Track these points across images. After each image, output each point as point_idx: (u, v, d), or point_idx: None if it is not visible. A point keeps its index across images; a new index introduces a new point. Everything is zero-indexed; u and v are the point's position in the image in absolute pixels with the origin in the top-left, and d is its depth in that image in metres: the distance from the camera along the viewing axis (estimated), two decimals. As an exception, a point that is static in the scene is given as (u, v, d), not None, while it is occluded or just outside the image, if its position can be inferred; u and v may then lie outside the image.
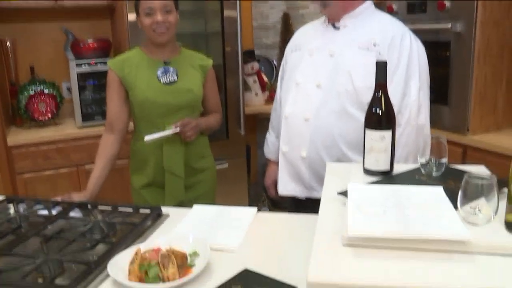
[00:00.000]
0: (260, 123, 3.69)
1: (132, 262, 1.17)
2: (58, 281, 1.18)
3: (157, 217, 1.52)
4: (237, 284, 1.15)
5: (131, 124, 1.93)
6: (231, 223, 1.48)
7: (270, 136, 1.91)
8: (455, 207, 1.04)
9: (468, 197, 1.01)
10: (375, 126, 1.27)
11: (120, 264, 1.19)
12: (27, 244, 1.36)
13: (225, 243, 1.35)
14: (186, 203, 1.72)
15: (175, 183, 1.83)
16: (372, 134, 1.27)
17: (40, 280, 1.19)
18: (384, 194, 1.12)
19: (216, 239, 1.37)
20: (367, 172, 1.30)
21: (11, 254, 1.29)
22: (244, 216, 1.52)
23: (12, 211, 1.60)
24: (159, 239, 1.31)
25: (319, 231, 1.03)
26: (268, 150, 1.92)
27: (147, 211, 1.53)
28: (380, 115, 1.27)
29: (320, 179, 1.43)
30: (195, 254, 1.25)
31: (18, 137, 2.84)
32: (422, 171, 1.30)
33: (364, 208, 1.04)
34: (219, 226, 1.46)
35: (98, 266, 1.21)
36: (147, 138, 1.73)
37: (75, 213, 1.57)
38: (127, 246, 1.30)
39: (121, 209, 1.57)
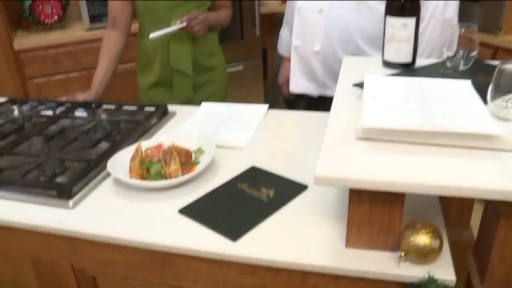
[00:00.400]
0: (277, 24, 3.48)
1: (132, 159, 1.12)
2: (60, 179, 1.15)
3: (163, 114, 1.45)
4: (243, 182, 1.09)
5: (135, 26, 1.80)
6: (240, 120, 1.40)
7: (283, 32, 1.76)
8: (485, 102, 0.93)
9: (501, 89, 0.90)
10: (397, 13, 1.13)
11: (121, 162, 1.14)
12: (29, 143, 1.32)
13: (233, 140, 1.28)
14: (195, 104, 1.64)
15: (183, 82, 1.73)
16: (393, 22, 1.13)
17: (41, 179, 1.15)
18: (405, 86, 1.01)
19: (223, 136, 1.30)
20: (387, 64, 1.18)
21: (13, 153, 1.25)
22: (254, 113, 1.43)
23: (15, 112, 1.55)
24: (162, 136, 1.24)
25: (331, 125, 0.94)
26: (281, 46, 1.78)
27: (153, 108, 1.46)
28: (403, 0, 1.13)
29: (334, 76, 1.32)
30: (200, 150, 1.18)
31: (26, 40, 2.73)
32: (448, 64, 1.17)
33: (382, 99, 0.94)
34: (228, 123, 1.39)
35: (98, 164, 1.16)
36: (152, 35, 1.61)
37: (79, 113, 1.51)
38: (130, 144, 1.24)
39: (125, 107, 1.50)
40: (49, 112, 1.51)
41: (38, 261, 1.09)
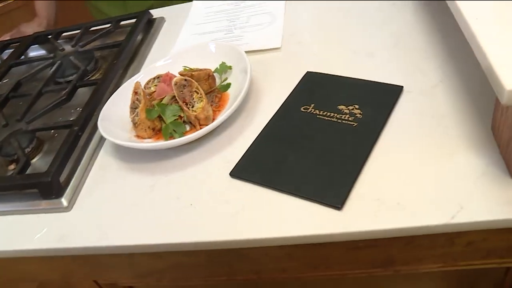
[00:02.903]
0: None
1: (133, 109, 0.74)
2: (38, 163, 0.78)
3: (148, 26, 1.03)
4: (306, 100, 0.72)
5: None
6: (256, 10, 0.98)
7: None
8: None
9: None
10: None
11: (117, 114, 0.76)
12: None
13: (261, 41, 0.88)
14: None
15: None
16: None
17: (11, 167, 0.78)
18: None
19: (244, 39, 0.90)
20: None
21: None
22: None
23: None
24: (163, 60, 0.84)
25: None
26: None
27: (132, 20, 1.03)
28: None
29: None
30: (223, 67, 0.79)
31: None
32: None
33: None
34: (241, 19, 0.97)
35: (85, 126, 0.78)
36: None
37: (34, 52, 1.09)
38: (118, 82, 0.85)
39: (95, 28, 1.07)
40: (-6, 62, 1.09)
41: (50, 284, 0.76)
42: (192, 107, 0.71)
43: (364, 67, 0.75)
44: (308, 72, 0.77)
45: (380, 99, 0.68)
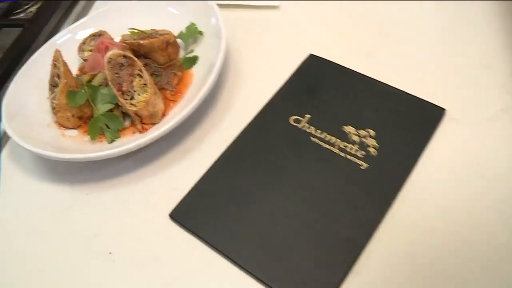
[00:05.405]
0: None
1: (52, 86, 0.51)
2: None
3: None
4: (299, 108, 0.49)
5: None
6: None
7: None
8: None
9: None
10: None
11: (26, 99, 0.53)
12: None
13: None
14: None
15: None
16: None
17: None
18: None
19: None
20: None
21: None
22: None
23: None
24: (98, 16, 0.59)
25: None
26: None
27: None
28: None
29: None
30: (193, 32, 0.55)
31: None
32: None
33: None
34: None
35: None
36: None
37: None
38: (57, 27, 0.62)
39: None
40: None
41: None
42: (132, 98, 0.48)
43: (393, 63, 0.51)
44: (311, 56, 0.53)
45: (408, 126, 0.45)
